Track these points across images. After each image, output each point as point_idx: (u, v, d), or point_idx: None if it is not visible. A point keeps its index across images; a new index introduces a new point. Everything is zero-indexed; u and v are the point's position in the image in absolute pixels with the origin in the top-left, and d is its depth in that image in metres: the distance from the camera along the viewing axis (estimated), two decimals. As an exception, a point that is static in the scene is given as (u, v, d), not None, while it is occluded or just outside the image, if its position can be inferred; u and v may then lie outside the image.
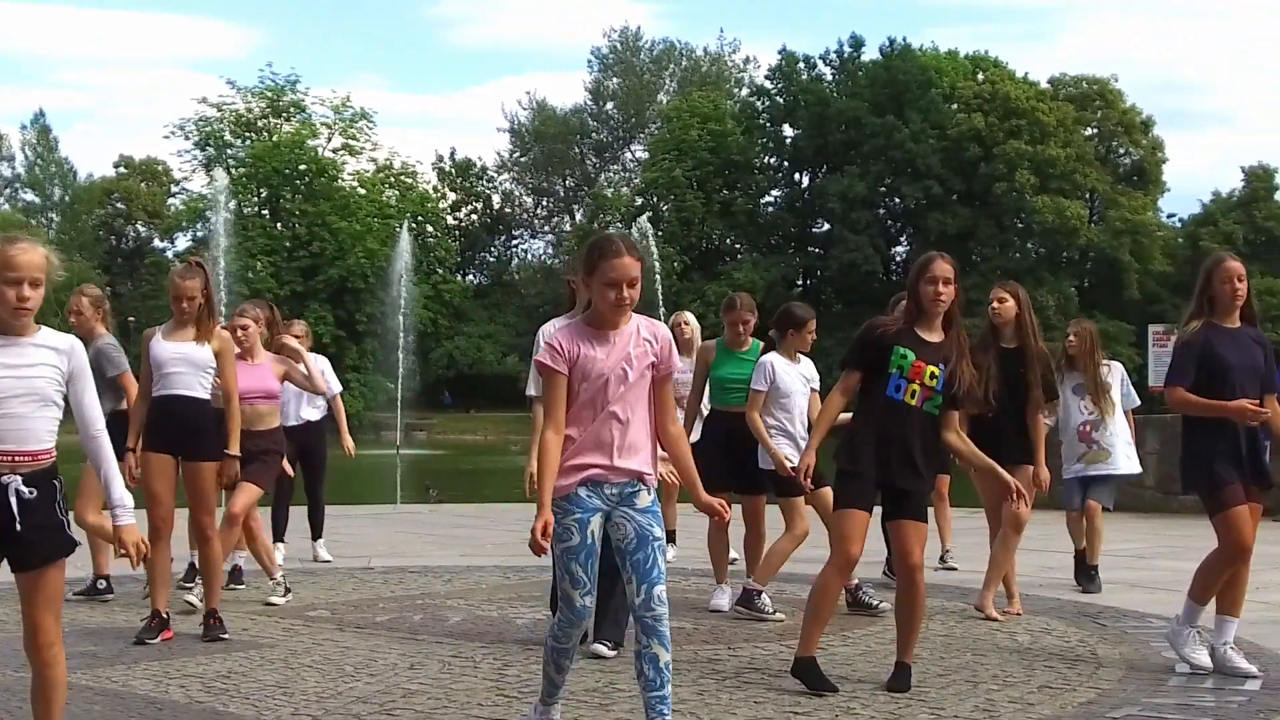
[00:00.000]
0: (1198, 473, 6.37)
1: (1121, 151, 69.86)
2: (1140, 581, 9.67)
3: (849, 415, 6.40)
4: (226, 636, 7.25)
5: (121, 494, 4.46)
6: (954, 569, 10.10)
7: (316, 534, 11.02)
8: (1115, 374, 9.74)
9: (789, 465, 6.81)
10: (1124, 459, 9.60)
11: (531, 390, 7.38)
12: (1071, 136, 65.05)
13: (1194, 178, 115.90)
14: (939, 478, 9.96)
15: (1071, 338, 9.68)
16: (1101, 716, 5.57)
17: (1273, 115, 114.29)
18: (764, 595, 8.10)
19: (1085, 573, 9.49)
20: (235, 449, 7.53)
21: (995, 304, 8.22)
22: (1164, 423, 13.98)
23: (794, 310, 8.41)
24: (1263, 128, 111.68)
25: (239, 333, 8.44)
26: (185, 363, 7.38)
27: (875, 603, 8.15)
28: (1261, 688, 6.07)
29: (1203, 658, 6.38)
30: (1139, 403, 10.09)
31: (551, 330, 7.34)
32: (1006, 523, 8.19)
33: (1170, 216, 71.97)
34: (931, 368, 5.99)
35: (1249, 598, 6.63)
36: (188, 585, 8.80)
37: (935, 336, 6.09)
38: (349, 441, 11.21)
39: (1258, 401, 6.32)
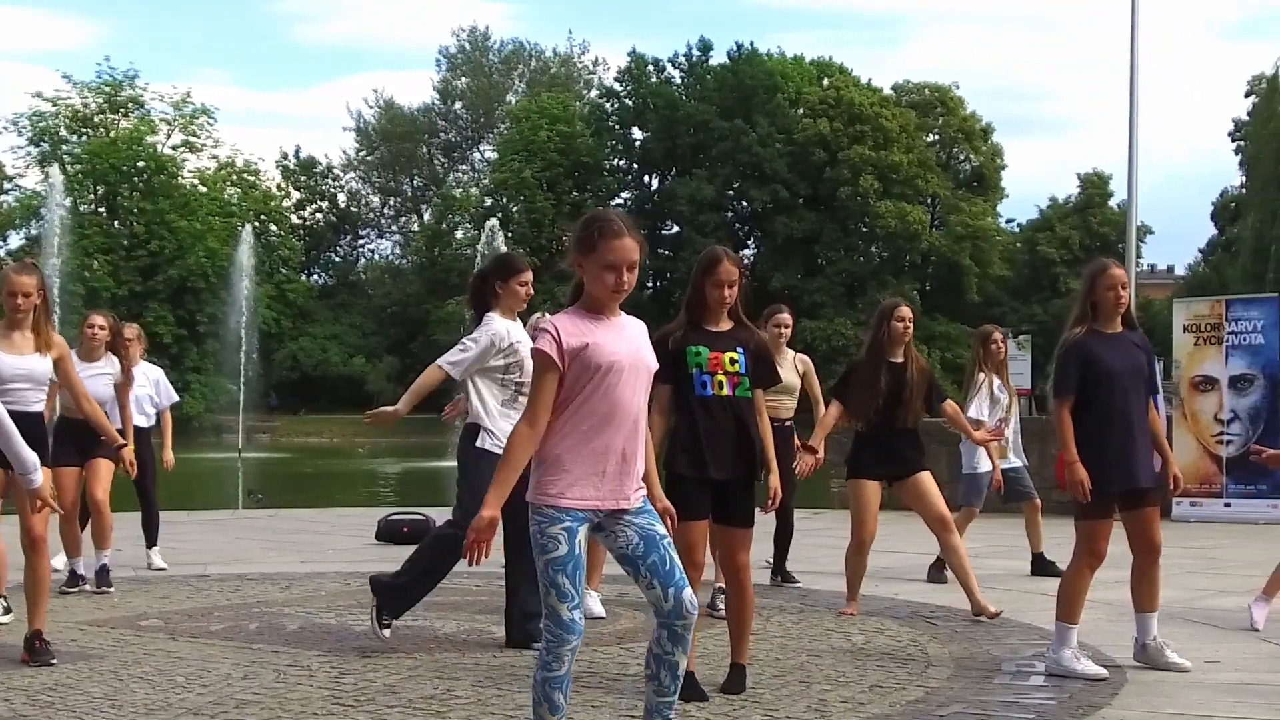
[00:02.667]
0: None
1: (962, 158, 71.54)
2: (973, 580, 9.88)
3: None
4: (55, 662, 6.83)
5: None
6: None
7: (151, 541, 10.78)
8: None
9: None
10: (1017, 453, 10.63)
11: (453, 372, 7.19)
12: (914, 142, 66.47)
13: (1032, 184, 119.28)
14: None
15: (1000, 343, 10.40)
16: (929, 714, 5.69)
17: (1107, 123, 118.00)
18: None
19: (1042, 564, 10.34)
20: (120, 438, 7.86)
21: (908, 322, 8.29)
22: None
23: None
24: (1098, 135, 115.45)
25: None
26: (28, 379, 7.11)
27: (719, 609, 8.24)
28: (1084, 685, 6.25)
29: (1091, 667, 6.46)
30: None
31: (499, 328, 7.26)
32: (940, 527, 8.25)
33: (1009, 222, 73.93)
34: (729, 354, 6.07)
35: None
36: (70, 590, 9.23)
37: (724, 325, 6.16)
38: (169, 455, 10.85)
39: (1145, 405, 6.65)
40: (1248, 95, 60.53)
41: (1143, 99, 20.61)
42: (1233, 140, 63.45)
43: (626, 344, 4.51)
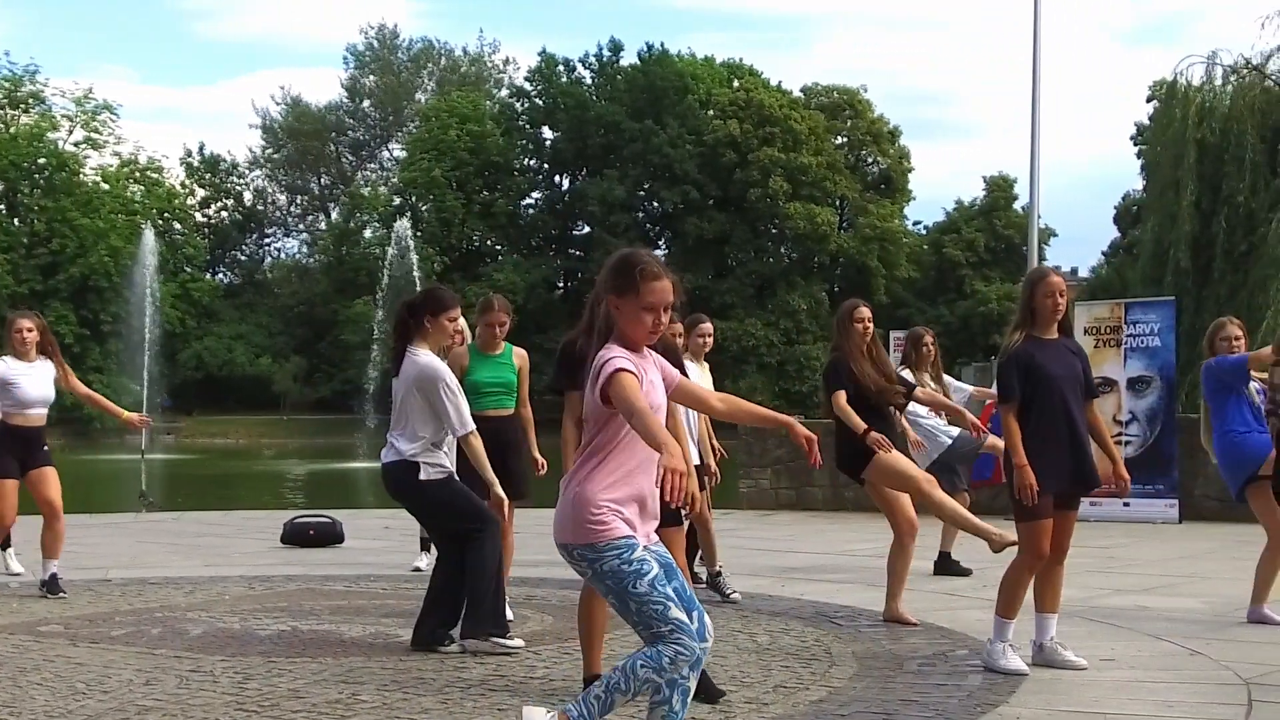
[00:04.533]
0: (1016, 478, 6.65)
1: (870, 160, 72.16)
2: (876, 580, 9.98)
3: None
4: None
5: None
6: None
7: (4, 544, 10.58)
8: None
9: None
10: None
11: (471, 425, 7.22)
12: (822, 145, 66.94)
13: (938, 186, 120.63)
14: None
15: (931, 344, 10.51)
16: (831, 714, 5.76)
17: (1012, 126, 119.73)
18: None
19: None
20: None
21: (868, 322, 8.35)
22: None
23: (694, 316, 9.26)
24: (1002, 139, 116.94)
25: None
26: None
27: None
28: (982, 683, 6.36)
29: (1017, 663, 6.59)
30: None
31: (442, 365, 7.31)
32: (908, 530, 8.26)
33: (916, 224, 74.70)
34: None
35: (979, 594, 6.93)
36: None
37: None
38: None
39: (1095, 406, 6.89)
40: (1149, 100, 61.55)
41: (1045, 103, 21.04)
42: (1135, 144, 64.51)
43: (661, 388, 4.52)
